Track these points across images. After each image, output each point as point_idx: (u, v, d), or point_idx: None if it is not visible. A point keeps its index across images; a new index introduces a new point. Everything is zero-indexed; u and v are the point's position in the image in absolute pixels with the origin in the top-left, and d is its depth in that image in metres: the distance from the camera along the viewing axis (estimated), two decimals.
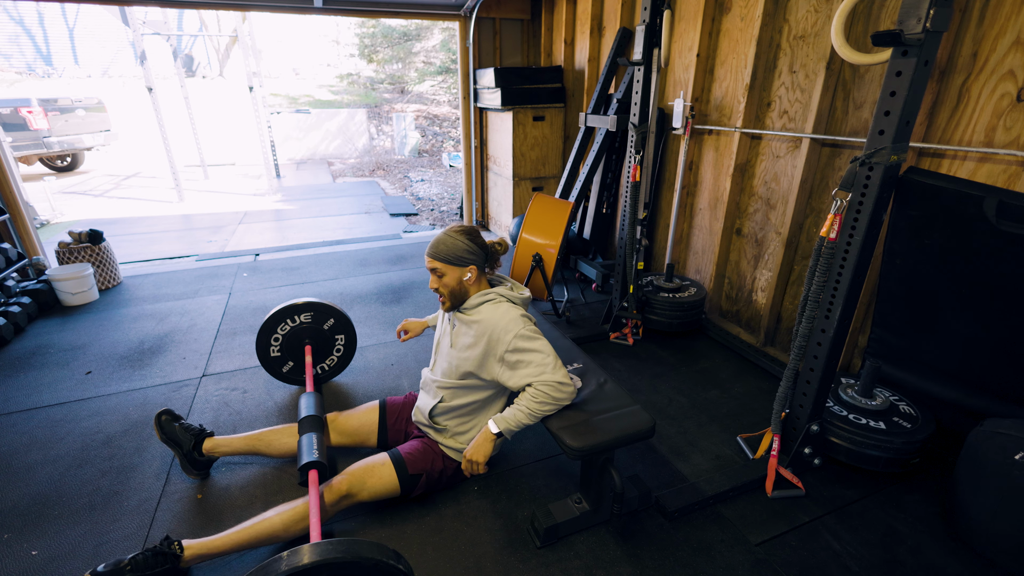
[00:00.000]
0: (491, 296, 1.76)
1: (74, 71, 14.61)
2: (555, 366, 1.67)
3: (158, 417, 1.99)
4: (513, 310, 1.73)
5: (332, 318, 2.52)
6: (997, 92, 1.84)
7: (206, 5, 4.22)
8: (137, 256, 4.87)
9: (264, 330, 2.41)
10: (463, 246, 1.71)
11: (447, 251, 1.70)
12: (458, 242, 1.71)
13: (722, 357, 2.96)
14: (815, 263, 1.74)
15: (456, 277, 1.73)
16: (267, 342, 2.44)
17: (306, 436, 1.81)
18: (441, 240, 1.72)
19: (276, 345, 2.46)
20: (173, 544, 1.55)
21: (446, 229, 1.76)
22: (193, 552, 1.56)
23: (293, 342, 2.48)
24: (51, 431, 2.33)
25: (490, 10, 4.73)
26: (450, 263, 1.71)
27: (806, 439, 1.96)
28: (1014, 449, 1.57)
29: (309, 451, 1.74)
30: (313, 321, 2.48)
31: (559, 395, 1.66)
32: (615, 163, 3.98)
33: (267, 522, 1.61)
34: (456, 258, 1.71)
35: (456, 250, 1.70)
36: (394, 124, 12.42)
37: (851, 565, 1.67)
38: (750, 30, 2.74)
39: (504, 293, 1.78)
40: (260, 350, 2.44)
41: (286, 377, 2.55)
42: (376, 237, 5.55)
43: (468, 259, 1.72)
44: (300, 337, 2.48)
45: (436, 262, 1.72)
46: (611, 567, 1.66)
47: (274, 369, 2.52)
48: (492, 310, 1.73)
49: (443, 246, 1.71)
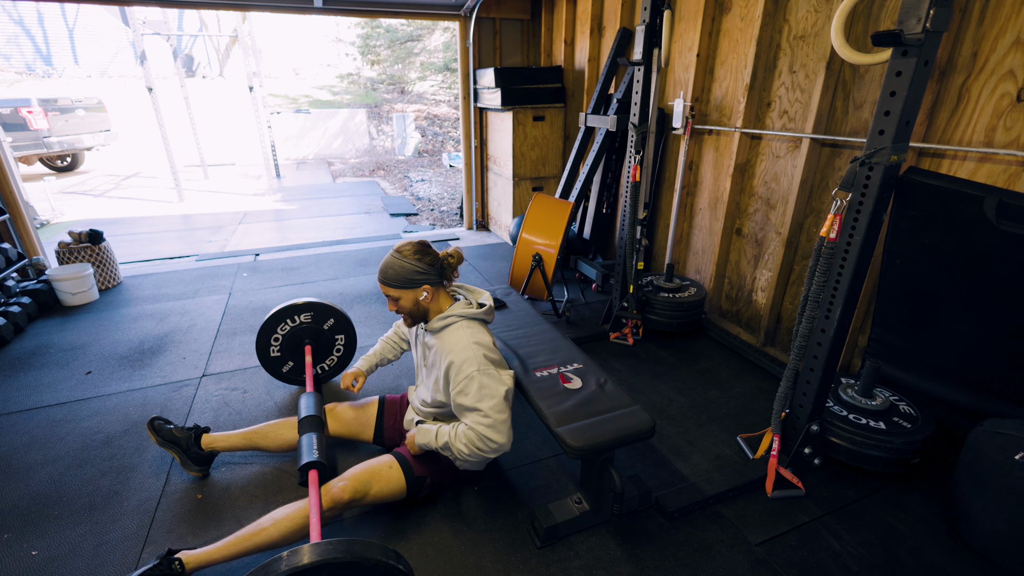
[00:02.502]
0: (451, 320, 1.71)
1: (74, 71, 14.61)
2: (494, 422, 1.60)
3: (151, 423, 1.99)
4: (470, 340, 1.66)
5: (332, 318, 2.52)
6: (997, 92, 1.84)
7: (206, 5, 4.22)
8: (137, 256, 4.87)
9: (264, 330, 2.41)
10: (411, 267, 1.64)
11: (396, 276, 1.65)
12: (406, 264, 1.64)
13: (722, 357, 2.96)
14: (815, 263, 1.74)
15: (411, 299, 1.69)
16: (267, 342, 2.44)
17: (306, 436, 1.80)
18: (389, 264, 1.66)
19: (276, 345, 2.46)
20: (174, 563, 1.52)
21: (394, 249, 1.69)
22: (192, 565, 1.54)
23: (293, 342, 2.48)
24: (51, 431, 2.33)
25: (490, 10, 4.73)
26: (402, 287, 1.66)
27: (806, 439, 1.96)
28: (1014, 449, 1.57)
29: (309, 451, 1.73)
30: (313, 321, 2.48)
31: (483, 447, 1.61)
32: (615, 163, 3.98)
33: (264, 532, 1.58)
34: (406, 281, 1.65)
35: (405, 273, 1.64)
36: (394, 124, 12.42)
37: (851, 565, 1.67)
38: (750, 30, 2.74)
39: (463, 312, 1.72)
40: (260, 350, 2.44)
41: (286, 377, 2.55)
42: (376, 237, 5.55)
43: (419, 279, 1.66)
44: (300, 337, 2.48)
45: (388, 288, 1.67)
46: (611, 567, 1.66)
47: (274, 369, 2.52)
48: (453, 339, 1.68)
49: (391, 271, 1.65)
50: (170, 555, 1.54)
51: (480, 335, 1.71)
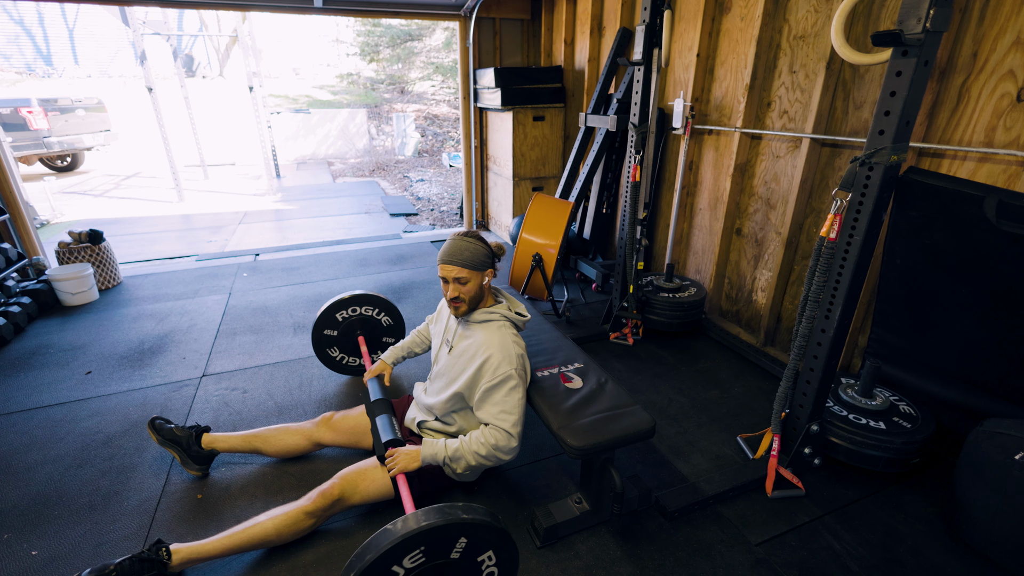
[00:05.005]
0: (495, 317, 1.76)
1: (74, 71, 14.61)
2: (517, 421, 1.65)
3: (151, 422, 2.00)
4: (514, 344, 1.72)
5: (380, 308, 2.64)
6: (997, 92, 1.84)
7: (206, 5, 4.22)
8: (137, 256, 4.88)
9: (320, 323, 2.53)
10: (483, 250, 1.71)
11: (472, 257, 1.68)
12: (479, 247, 1.70)
13: (722, 357, 2.96)
14: (815, 263, 1.74)
15: (478, 283, 1.73)
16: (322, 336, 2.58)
17: (381, 417, 1.87)
18: (463, 247, 1.69)
19: (333, 336, 2.60)
20: (161, 551, 1.54)
21: (457, 235, 1.73)
22: (182, 557, 1.55)
23: (348, 333, 2.61)
24: (51, 431, 2.33)
25: (490, 10, 4.73)
26: (475, 268, 1.70)
27: (806, 439, 1.96)
28: (1014, 449, 1.57)
29: (389, 430, 1.80)
30: (363, 312, 2.60)
31: (501, 446, 1.63)
32: (615, 163, 3.98)
33: (259, 526, 1.61)
34: (480, 263, 1.70)
35: (479, 255, 1.70)
36: (394, 124, 12.43)
37: (851, 565, 1.67)
38: (750, 30, 2.74)
39: (507, 315, 1.78)
40: (316, 343, 2.58)
41: (338, 366, 2.69)
42: (376, 237, 5.55)
43: (488, 263, 1.73)
44: (353, 328, 2.61)
45: (463, 270, 1.69)
46: (611, 567, 1.66)
47: (329, 359, 2.65)
48: (497, 335, 1.72)
49: (467, 252, 1.68)
50: (159, 544, 1.55)
51: (520, 341, 1.77)
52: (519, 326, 1.82)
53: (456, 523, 1.27)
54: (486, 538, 1.33)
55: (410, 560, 1.25)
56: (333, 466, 2.05)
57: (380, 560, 1.20)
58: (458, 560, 1.33)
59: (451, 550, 1.30)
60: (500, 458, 1.67)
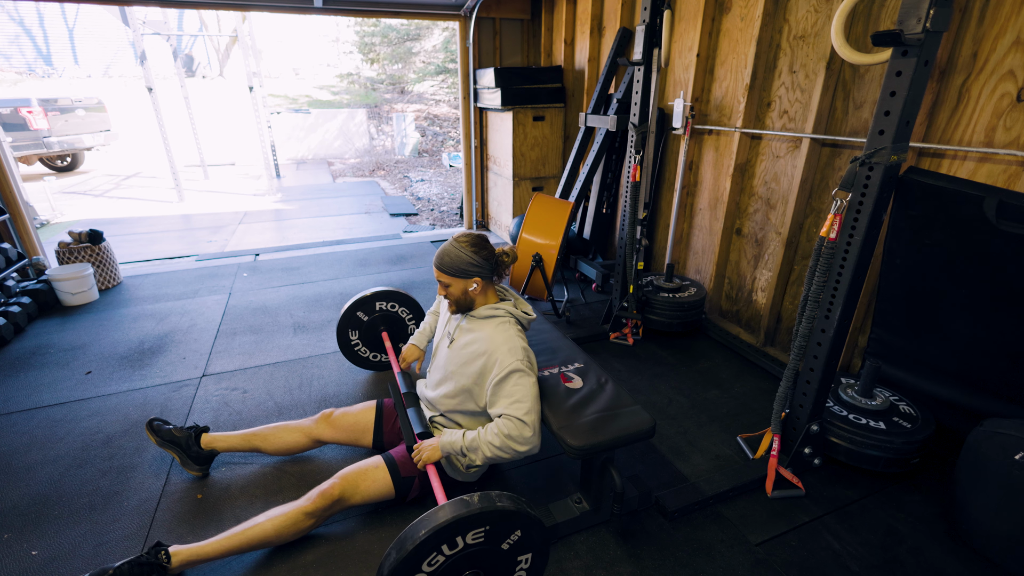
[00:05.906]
0: (500, 313, 1.75)
1: (74, 71, 14.61)
2: (530, 410, 1.60)
3: (149, 423, 2.00)
4: (518, 338, 1.71)
5: (401, 303, 2.65)
6: (997, 92, 1.84)
7: (206, 5, 4.22)
8: (137, 256, 4.88)
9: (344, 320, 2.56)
10: (467, 258, 1.68)
11: (451, 263, 1.69)
12: (462, 254, 1.68)
13: (722, 357, 2.96)
14: (815, 263, 1.74)
15: (461, 288, 1.73)
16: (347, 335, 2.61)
17: (411, 410, 1.90)
18: (446, 251, 1.70)
19: (355, 335, 2.62)
20: (160, 554, 1.53)
21: (454, 237, 1.74)
22: (181, 559, 1.55)
23: (372, 330, 2.64)
24: (51, 431, 2.33)
25: (490, 10, 4.72)
26: (454, 275, 1.70)
27: (806, 439, 1.96)
28: (1014, 449, 1.57)
29: (421, 422, 1.83)
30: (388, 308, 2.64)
31: (516, 436, 1.58)
32: (615, 163, 3.98)
33: (259, 527, 1.61)
34: (459, 271, 1.69)
35: (459, 262, 1.69)
36: (394, 124, 12.43)
37: (851, 565, 1.67)
38: (750, 30, 2.74)
39: (512, 312, 1.77)
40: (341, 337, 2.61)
41: (364, 362, 2.72)
42: (376, 237, 5.55)
43: (472, 271, 1.70)
44: (376, 325, 2.63)
45: (442, 275, 1.71)
46: (611, 567, 1.66)
47: (353, 354, 2.67)
48: (500, 331, 1.71)
49: (447, 258, 1.69)
50: (158, 547, 1.55)
51: (524, 338, 1.76)
52: (524, 325, 1.81)
53: (523, 514, 1.30)
54: (535, 539, 1.34)
55: (473, 536, 1.27)
56: (333, 466, 2.05)
57: (452, 526, 1.23)
58: (505, 552, 1.34)
59: (506, 540, 1.32)
60: (516, 449, 1.59)
